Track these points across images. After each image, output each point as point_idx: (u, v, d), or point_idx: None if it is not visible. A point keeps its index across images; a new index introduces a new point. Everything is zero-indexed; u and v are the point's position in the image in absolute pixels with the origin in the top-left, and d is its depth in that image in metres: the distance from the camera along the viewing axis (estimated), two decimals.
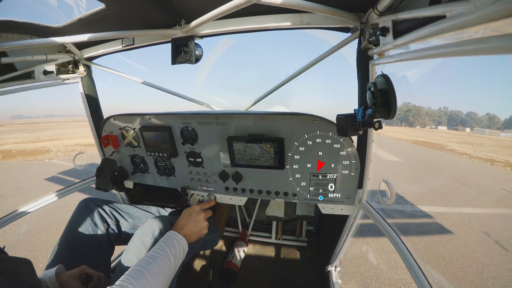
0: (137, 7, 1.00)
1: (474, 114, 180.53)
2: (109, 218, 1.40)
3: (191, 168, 1.55)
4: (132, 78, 1.77)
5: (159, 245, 1.05)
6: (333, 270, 1.65)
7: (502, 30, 0.38)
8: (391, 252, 3.44)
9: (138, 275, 0.87)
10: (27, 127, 40.09)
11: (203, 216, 1.29)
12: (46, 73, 1.42)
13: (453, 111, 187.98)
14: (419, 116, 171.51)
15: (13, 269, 0.71)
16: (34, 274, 0.81)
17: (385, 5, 0.76)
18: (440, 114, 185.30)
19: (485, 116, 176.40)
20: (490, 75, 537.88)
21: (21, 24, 1.11)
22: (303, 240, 2.33)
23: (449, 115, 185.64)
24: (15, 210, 1.40)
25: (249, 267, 2.09)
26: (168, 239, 1.09)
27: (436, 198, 6.34)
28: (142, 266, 0.91)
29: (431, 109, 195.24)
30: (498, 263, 3.56)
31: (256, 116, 1.28)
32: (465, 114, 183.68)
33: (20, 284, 0.72)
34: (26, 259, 0.81)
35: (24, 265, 0.78)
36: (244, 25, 1.15)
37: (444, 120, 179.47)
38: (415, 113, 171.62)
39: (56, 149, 14.01)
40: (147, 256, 0.97)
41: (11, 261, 0.75)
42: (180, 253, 1.08)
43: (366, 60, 1.02)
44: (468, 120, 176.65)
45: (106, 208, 1.42)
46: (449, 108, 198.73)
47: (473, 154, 20.71)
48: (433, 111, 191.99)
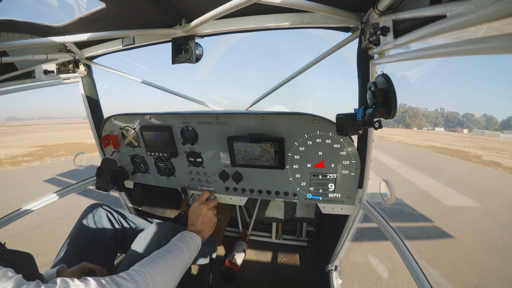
0: (138, 7, 1.00)
1: (471, 115, 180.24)
2: (117, 224, 1.43)
3: (191, 168, 1.55)
4: (132, 78, 1.77)
5: (173, 241, 1.08)
6: (333, 269, 1.65)
7: (502, 29, 0.38)
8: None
9: (151, 262, 0.89)
10: (7, 130, 37.77)
11: (205, 208, 1.33)
12: (47, 72, 1.42)
13: (449, 112, 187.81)
14: (416, 118, 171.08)
15: (15, 262, 0.71)
16: (35, 268, 0.81)
17: (386, 5, 0.76)
18: (436, 116, 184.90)
19: (482, 117, 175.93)
20: (488, 75, 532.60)
21: (22, 23, 1.11)
22: (303, 240, 2.33)
23: (446, 116, 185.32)
24: (15, 210, 1.40)
25: (249, 267, 2.09)
26: (182, 236, 1.12)
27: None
28: (156, 256, 0.94)
29: (427, 110, 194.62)
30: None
31: (256, 116, 1.28)
32: (462, 115, 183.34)
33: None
34: (28, 253, 0.81)
35: (25, 259, 0.79)
36: (245, 24, 1.15)
37: (441, 122, 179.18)
38: (412, 115, 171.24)
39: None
40: (162, 249, 1.00)
41: (13, 254, 0.75)
42: (194, 248, 1.11)
43: (366, 60, 1.02)
44: (465, 121, 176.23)
45: (115, 215, 1.45)
46: (446, 109, 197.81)
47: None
48: (430, 112, 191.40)
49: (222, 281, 1.90)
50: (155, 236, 1.18)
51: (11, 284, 0.56)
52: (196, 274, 2.02)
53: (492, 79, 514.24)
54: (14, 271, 0.60)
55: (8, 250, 0.76)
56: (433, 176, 9.90)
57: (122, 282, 0.74)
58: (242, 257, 2.08)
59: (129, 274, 0.79)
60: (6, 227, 1.33)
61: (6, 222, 1.34)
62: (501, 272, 3.44)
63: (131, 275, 0.79)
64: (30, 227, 3.98)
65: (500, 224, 5.32)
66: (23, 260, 0.77)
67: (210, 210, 1.33)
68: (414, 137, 44.94)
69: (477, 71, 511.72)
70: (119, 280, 0.75)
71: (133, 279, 0.77)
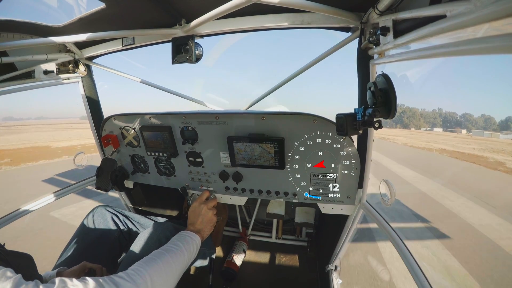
0: (138, 7, 1.00)
1: (470, 116, 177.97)
2: (122, 225, 1.43)
3: (191, 168, 1.55)
4: (132, 78, 1.77)
5: (172, 241, 1.08)
6: (333, 270, 1.65)
7: (502, 29, 0.38)
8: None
9: (150, 261, 0.89)
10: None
11: (205, 207, 1.33)
12: (47, 72, 1.42)
13: (447, 112, 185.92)
14: (414, 118, 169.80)
15: (15, 263, 0.71)
16: (35, 269, 0.81)
17: (386, 5, 0.76)
18: (434, 116, 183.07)
19: (480, 118, 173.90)
20: (486, 75, 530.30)
21: (22, 23, 1.11)
22: (303, 240, 2.33)
23: (444, 116, 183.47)
24: (14, 210, 1.40)
25: (249, 267, 2.09)
26: (181, 236, 1.12)
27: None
28: (155, 255, 0.94)
29: (425, 110, 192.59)
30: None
31: (256, 116, 1.28)
32: (460, 115, 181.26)
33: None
34: (27, 254, 0.81)
35: (25, 260, 0.79)
36: (245, 24, 1.15)
37: (439, 122, 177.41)
38: (410, 115, 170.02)
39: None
40: (161, 249, 1.00)
41: (12, 254, 0.75)
42: (193, 248, 1.11)
43: (366, 60, 1.02)
44: (463, 121, 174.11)
45: (120, 216, 1.45)
46: (444, 109, 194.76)
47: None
48: (428, 112, 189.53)
49: (222, 281, 1.90)
50: (155, 235, 1.19)
51: (10, 284, 0.56)
52: (196, 274, 2.01)
53: (490, 79, 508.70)
54: (13, 271, 0.60)
55: (8, 251, 0.76)
56: (485, 203, 6.82)
57: (120, 282, 0.74)
58: (242, 257, 2.08)
59: (128, 274, 0.79)
60: (5, 227, 1.33)
61: (4, 223, 1.33)
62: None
63: (129, 274, 0.79)
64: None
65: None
66: (22, 260, 0.77)
67: (210, 210, 1.33)
68: (417, 138, 43.15)
69: (476, 71, 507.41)
70: (118, 280, 0.75)
71: (131, 278, 0.77)
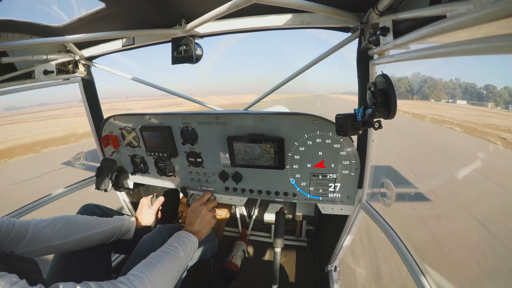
0: (138, 7, 1.00)
1: (493, 87, 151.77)
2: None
3: (191, 168, 1.55)
4: (132, 78, 1.77)
5: (170, 242, 1.07)
6: (332, 270, 1.65)
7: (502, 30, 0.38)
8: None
9: (149, 265, 0.89)
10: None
11: (205, 209, 1.32)
12: (46, 73, 1.42)
13: (465, 83, 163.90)
14: (435, 88, 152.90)
15: (20, 268, 0.71)
16: (40, 274, 0.81)
17: (385, 5, 0.76)
18: (454, 86, 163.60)
19: (503, 90, 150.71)
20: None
21: (22, 23, 1.11)
22: (303, 240, 2.33)
23: (464, 87, 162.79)
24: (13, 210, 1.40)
25: (249, 267, 2.09)
26: (179, 237, 1.12)
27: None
28: (154, 258, 0.94)
29: (442, 80, 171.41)
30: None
31: (256, 116, 1.28)
32: (481, 87, 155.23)
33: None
34: (32, 259, 0.81)
35: (30, 265, 0.79)
36: (245, 25, 1.15)
37: (459, 93, 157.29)
38: (431, 85, 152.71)
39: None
40: (159, 251, 1.00)
41: (17, 260, 0.75)
42: (191, 249, 1.11)
43: (366, 60, 1.02)
44: (485, 93, 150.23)
45: (110, 215, 1.43)
46: (461, 79, 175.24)
47: None
48: (446, 82, 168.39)
49: (221, 281, 1.90)
50: (160, 238, 1.17)
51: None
52: (196, 274, 2.01)
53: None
54: (18, 277, 0.61)
55: (13, 255, 0.76)
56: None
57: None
58: (241, 257, 2.08)
59: (129, 280, 0.79)
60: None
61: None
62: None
63: (131, 280, 0.79)
64: None
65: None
66: (27, 266, 0.77)
67: (209, 212, 1.32)
68: (444, 112, 31.66)
69: (475, 71, 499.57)
70: (120, 285, 0.75)
71: (133, 285, 0.77)
